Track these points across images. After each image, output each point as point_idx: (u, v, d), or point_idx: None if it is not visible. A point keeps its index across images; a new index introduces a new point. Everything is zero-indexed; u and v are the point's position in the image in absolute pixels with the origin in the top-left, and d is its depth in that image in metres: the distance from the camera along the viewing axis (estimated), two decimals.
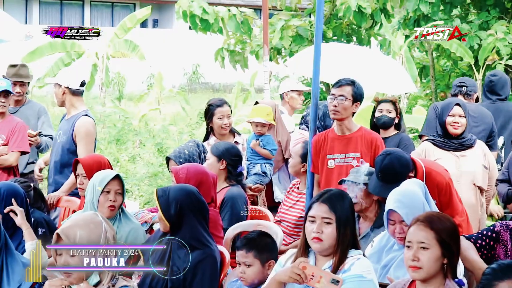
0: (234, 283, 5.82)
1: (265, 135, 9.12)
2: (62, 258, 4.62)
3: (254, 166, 9.04)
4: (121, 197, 6.55)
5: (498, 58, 18.23)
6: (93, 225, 4.67)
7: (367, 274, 5.05)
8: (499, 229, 5.96)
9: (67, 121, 8.77)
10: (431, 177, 6.81)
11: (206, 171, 7.09)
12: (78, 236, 4.58)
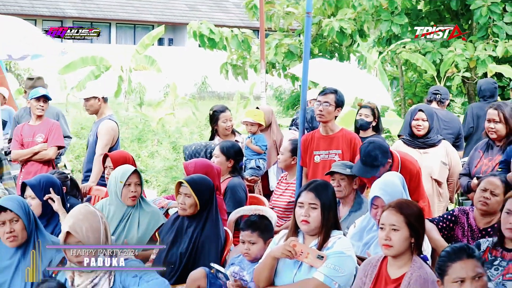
0: (236, 258, 5.80)
1: (257, 135, 9.21)
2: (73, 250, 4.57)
3: (250, 162, 9.10)
4: (140, 188, 6.52)
5: (457, 70, 18.22)
6: (90, 215, 4.63)
7: (347, 250, 5.06)
8: (457, 213, 5.96)
9: (95, 124, 8.89)
10: (404, 165, 6.84)
11: (211, 164, 7.12)
12: (84, 229, 4.54)
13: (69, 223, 4.55)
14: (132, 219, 6.49)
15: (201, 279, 5.58)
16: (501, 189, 5.66)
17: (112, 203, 6.55)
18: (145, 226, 6.47)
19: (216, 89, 35.97)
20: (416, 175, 6.89)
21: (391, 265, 4.69)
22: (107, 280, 4.62)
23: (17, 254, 5.21)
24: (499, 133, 6.97)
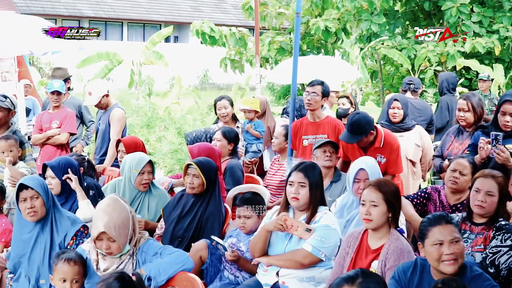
0: (233, 231, 5.80)
1: (256, 121, 9.28)
2: (103, 243, 4.53)
3: (251, 146, 9.22)
4: (151, 175, 6.53)
5: (429, 64, 18.28)
6: (123, 213, 4.57)
7: (332, 224, 5.08)
8: (430, 191, 5.97)
9: (105, 113, 8.80)
10: (387, 138, 6.99)
11: (213, 147, 7.15)
12: (117, 227, 4.49)
13: (104, 222, 4.47)
14: (143, 203, 6.52)
15: (203, 250, 5.59)
16: (469, 169, 5.66)
17: (125, 186, 6.55)
18: (154, 208, 6.50)
19: (216, 81, 35.94)
20: (397, 149, 7.02)
21: (371, 237, 4.68)
22: (131, 264, 4.60)
23: (36, 228, 5.20)
24: (468, 121, 6.98)
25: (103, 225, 4.44)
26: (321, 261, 4.99)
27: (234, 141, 7.78)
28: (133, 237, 4.62)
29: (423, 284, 4.10)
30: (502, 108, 6.27)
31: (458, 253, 3.96)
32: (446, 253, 3.96)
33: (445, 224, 4.03)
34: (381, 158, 6.89)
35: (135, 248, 4.64)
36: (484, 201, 4.88)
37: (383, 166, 6.84)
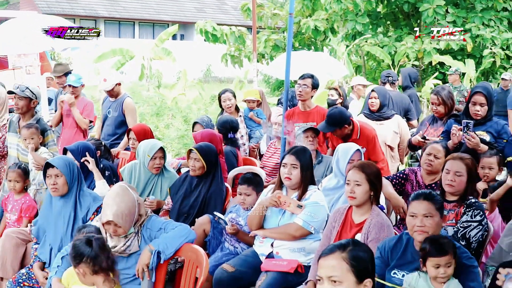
0: (233, 207, 5.82)
1: (258, 109, 9.34)
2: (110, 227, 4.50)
3: (254, 132, 9.26)
4: (163, 160, 6.53)
5: (408, 60, 18.25)
6: (130, 202, 4.53)
7: (321, 201, 5.11)
8: (407, 172, 5.97)
9: (115, 102, 8.63)
10: (363, 130, 7.05)
11: (214, 133, 7.14)
12: (122, 213, 4.46)
13: (113, 211, 4.43)
14: (156, 185, 6.52)
15: (206, 224, 5.61)
16: (442, 153, 5.67)
17: (140, 169, 6.55)
18: (166, 189, 6.47)
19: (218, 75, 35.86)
20: (372, 139, 7.06)
21: (355, 213, 4.70)
22: (136, 241, 4.60)
23: (61, 202, 5.24)
24: (440, 113, 7.01)
25: (111, 214, 4.41)
26: (310, 234, 5.02)
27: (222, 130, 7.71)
28: (139, 220, 4.62)
29: (407, 255, 4.13)
30: (473, 99, 6.31)
31: (429, 227, 4.00)
32: (417, 225, 4.03)
33: (422, 200, 4.08)
34: (361, 149, 6.91)
35: (139, 227, 4.64)
36: (454, 180, 4.90)
37: (365, 155, 6.87)
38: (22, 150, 7.07)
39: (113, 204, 4.45)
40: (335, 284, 2.80)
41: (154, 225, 4.67)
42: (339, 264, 2.82)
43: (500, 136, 6.28)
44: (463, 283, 3.84)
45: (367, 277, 2.84)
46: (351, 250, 2.86)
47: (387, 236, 4.40)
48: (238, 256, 5.30)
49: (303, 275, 4.80)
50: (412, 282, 3.90)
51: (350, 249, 2.87)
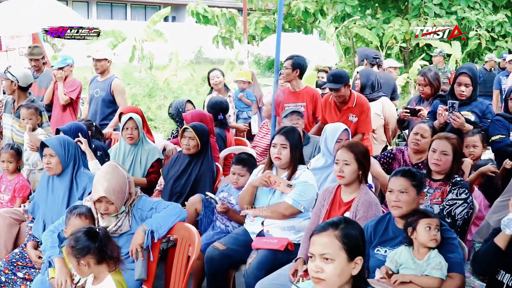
0: (225, 186, 5.81)
1: (247, 91, 9.31)
2: (102, 205, 4.46)
3: (242, 113, 9.20)
4: (137, 131, 6.49)
5: (395, 42, 18.27)
6: (120, 179, 4.49)
7: (310, 180, 5.11)
8: (395, 152, 6.00)
9: (102, 82, 8.55)
10: (359, 99, 7.11)
11: (204, 112, 7.11)
12: (114, 189, 4.42)
13: (104, 187, 4.39)
14: (136, 157, 6.52)
15: (198, 203, 5.60)
16: (429, 132, 5.68)
17: (121, 142, 6.64)
18: (145, 160, 6.50)
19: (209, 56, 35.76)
20: (367, 109, 7.09)
21: (343, 192, 4.69)
22: (127, 220, 4.57)
23: (55, 180, 5.23)
24: (427, 94, 7.06)
25: (103, 190, 4.38)
26: (300, 213, 5.02)
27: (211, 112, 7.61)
28: (129, 199, 4.59)
29: (388, 232, 4.15)
30: (458, 80, 6.33)
31: (403, 202, 4.02)
32: (393, 200, 4.06)
33: (400, 177, 4.11)
34: (353, 117, 6.95)
35: (130, 207, 4.61)
36: (439, 159, 4.92)
37: (354, 125, 6.90)
38: (16, 131, 7.04)
39: (103, 181, 4.42)
40: (327, 261, 2.80)
41: (145, 205, 4.65)
42: (331, 241, 2.82)
43: (485, 116, 6.31)
44: (443, 254, 3.87)
45: (358, 255, 2.84)
46: (343, 228, 2.86)
47: (375, 214, 4.41)
48: (229, 234, 5.30)
49: (293, 252, 4.80)
50: (395, 256, 3.92)
51: (342, 227, 2.87)
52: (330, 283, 2.82)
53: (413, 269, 3.85)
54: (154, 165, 6.51)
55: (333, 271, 2.80)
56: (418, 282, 3.80)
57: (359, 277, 2.86)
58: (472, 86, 6.32)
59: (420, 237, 3.87)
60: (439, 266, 3.80)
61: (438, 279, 3.78)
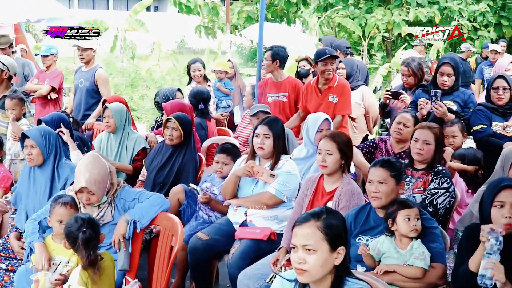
0: (208, 176, 5.81)
1: (225, 80, 9.30)
2: (83, 195, 4.44)
3: (221, 102, 9.14)
4: (112, 119, 6.43)
5: (378, 31, 18.31)
6: (102, 170, 4.48)
7: (293, 170, 5.11)
8: (377, 141, 6.01)
9: (87, 72, 8.48)
10: (340, 80, 7.16)
11: (184, 103, 7.11)
12: (95, 179, 4.41)
13: (85, 177, 4.38)
14: (122, 145, 6.48)
15: (180, 193, 5.60)
16: (411, 122, 5.70)
17: (105, 134, 6.60)
18: (131, 148, 6.47)
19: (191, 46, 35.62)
20: (347, 91, 7.10)
21: (326, 181, 4.70)
22: (109, 211, 4.55)
23: (37, 171, 5.20)
24: (411, 83, 7.10)
25: (84, 181, 4.36)
26: (283, 202, 5.03)
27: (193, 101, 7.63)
28: (111, 189, 4.57)
29: (369, 221, 4.16)
30: (441, 70, 6.36)
31: (382, 193, 4.03)
32: (372, 191, 4.07)
33: (379, 167, 4.11)
34: (334, 98, 6.94)
35: (112, 197, 4.59)
36: (422, 149, 4.93)
37: (334, 106, 6.91)
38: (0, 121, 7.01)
39: (85, 171, 4.41)
40: (310, 252, 2.80)
41: (128, 195, 4.63)
42: (313, 232, 2.82)
43: (467, 105, 6.34)
44: (425, 244, 3.89)
45: (340, 245, 2.85)
46: (325, 219, 2.86)
47: (357, 204, 4.42)
48: (213, 224, 5.30)
49: (276, 242, 4.81)
50: (377, 245, 3.94)
51: (324, 218, 2.87)
52: (313, 274, 2.82)
53: (395, 258, 3.87)
54: (140, 153, 6.48)
55: (315, 262, 2.80)
56: (401, 272, 3.81)
57: (341, 267, 2.87)
58: (455, 76, 6.35)
59: (400, 228, 3.89)
60: (423, 256, 3.81)
61: (421, 269, 3.79)
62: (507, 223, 3.37)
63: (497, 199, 3.36)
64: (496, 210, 3.39)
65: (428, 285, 3.84)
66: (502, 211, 3.38)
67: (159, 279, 4.42)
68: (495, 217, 3.40)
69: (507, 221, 3.37)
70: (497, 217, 3.39)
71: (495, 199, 3.37)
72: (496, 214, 3.39)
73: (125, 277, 4.45)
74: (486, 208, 3.44)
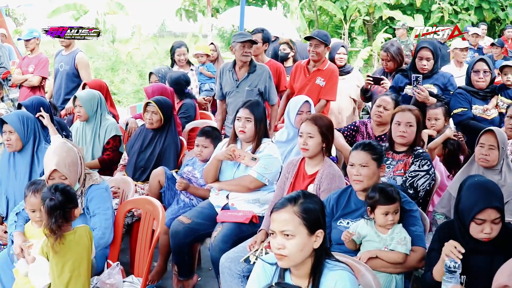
0: (189, 160, 5.81)
1: (208, 64, 9.24)
2: (55, 181, 4.29)
3: (204, 85, 9.09)
4: (83, 109, 6.32)
5: (359, 15, 18.31)
6: (71, 151, 4.38)
7: (274, 153, 5.11)
8: (358, 124, 6.03)
9: (67, 56, 8.45)
10: (330, 65, 7.18)
11: (165, 86, 7.05)
12: (65, 162, 4.32)
13: (55, 161, 4.30)
14: (95, 133, 6.37)
15: (161, 175, 5.60)
16: (391, 105, 5.73)
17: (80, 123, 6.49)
18: (103, 136, 6.34)
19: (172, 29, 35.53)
20: (335, 76, 7.10)
21: (307, 164, 4.71)
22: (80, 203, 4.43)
23: (17, 156, 5.19)
24: (390, 68, 7.18)
25: (54, 164, 4.29)
26: (264, 185, 5.04)
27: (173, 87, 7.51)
28: (81, 175, 4.50)
29: (350, 204, 4.17)
30: (419, 54, 6.40)
31: (364, 176, 4.05)
32: (354, 174, 4.09)
33: (360, 150, 4.12)
34: (321, 81, 6.95)
35: (83, 188, 4.53)
36: (405, 131, 4.96)
37: (320, 90, 6.93)
38: None
39: (53, 155, 4.33)
40: (288, 237, 2.82)
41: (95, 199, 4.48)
42: (291, 217, 2.83)
43: (447, 88, 6.38)
44: (404, 227, 3.91)
45: (318, 228, 2.86)
46: (302, 203, 2.87)
47: (338, 187, 4.44)
48: (194, 208, 5.30)
49: (258, 225, 4.83)
50: (357, 229, 3.96)
51: (301, 202, 2.87)
52: (293, 259, 2.84)
53: (377, 242, 3.89)
54: (110, 142, 6.34)
55: (294, 247, 2.82)
56: (383, 257, 3.83)
57: (321, 250, 2.89)
58: (434, 60, 6.39)
59: (377, 220, 3.91)
60: (404, 242, 3.84)
61: (403, 254, 3.82)
62: (485, 238, 3.40)
63: (478, 216, 3.37)
64: (476, 225, 3.40)
65: (409, 268, 3.88)
66: (482, 227, 3.39)
67: (141, 262, 4.42)
68: (474, 231, 3.41)
69: (485, 236, 3.39)
70: (476, 232, 3.41)
71: (476, 216, 3.37)
72: (475, 229, 3.40)
73: (107, 261, 4.44)
74: (465, 220, 3.44)
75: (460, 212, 3.50)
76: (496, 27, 21.00)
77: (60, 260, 3.79)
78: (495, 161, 4.57)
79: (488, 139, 4.59)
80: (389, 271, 3.83)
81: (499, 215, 3.37)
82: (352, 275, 2.91)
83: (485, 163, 4.59)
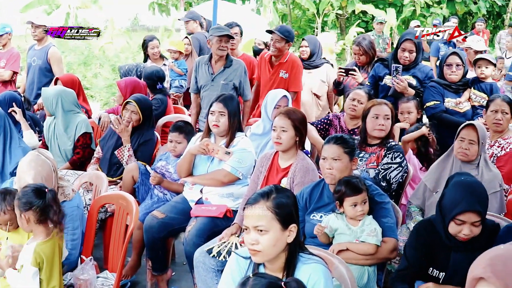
0: (163, 155, 5.79)
1: (179, 60, 9.22)
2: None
3: (174, 81, 9.07)
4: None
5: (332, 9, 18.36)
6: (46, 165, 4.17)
7: (248, 147, 5.12)
8: (331, 118, 6.06)
9: (39, 50, 8.39)
10: (291, 56, 7.23)
11: (138, 80, 7.03)
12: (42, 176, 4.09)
13: (32, 175, 4.10)
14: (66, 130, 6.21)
15: (134, 170, 5.58)
16: (365, 98, 5.76)
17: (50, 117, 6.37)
18: (73, 134, 6.20)
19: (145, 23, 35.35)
20: (297, 67, 7.18)
21: (281, 158, 4.72)
22: None
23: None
24: (363, 62, 7.27)
25: (32, 178, 4.13)
26: (238, 180, 5.04)
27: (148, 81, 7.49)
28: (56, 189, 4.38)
29: (323, 198, 4.18)
30: (402, 45, 6.44)
31: (336, 170, 4.06)
32: (326, 167, 4.10)
33: (332, 144, 4.13)
34: (284, 74, 6.99)
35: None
36: (383, 124, 4.98)
37: (285, 82, 6.95)
38: None
39: (29, 169, 4.14)
40: (261, 233, 2.82)
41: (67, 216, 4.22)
42: (263, 213, 2.83)
43: (425, 82, 6.42)
44: (376, 219, 3.93)
45: (291, 223, 2.86)
46: (274, 198, 2.87)
47: (311, 180, 4.45)
48: (168, 202, 5.28)
49: (232, 219, 4.83)
50: (329, 222, 3.97)
51: (273, 197, 2.87)
52: (266, 254, 2.84)
53: (348, 235, 3.91)
54: (80, 139, 6.23)
55: (268, 242, 2.82)
56: (354, 249, 3.85)
57: (294, 244, 2.89)
58: (416, 52, 6.45)
59: (347, 212, 3.93)
60: (374, 233, 3.86)
61: (374, 245, 3.84)
62: (462, 238, 3.43)
63: (458, 217, 3.40)
64: (455, 225, 3.43)
65: (380, 260, 3.90)
66: (461, 228, 3.41)
67: (115, 258, 4.40)
68: (452, 230, 3.44)
69: (463, 237, 3.42)
70: (454, 231, 3.44)
71: (456, 217, 3.40)
72: (454, 228, 3.43)
73: (80, 256, 4.41)
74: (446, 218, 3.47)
75: (442, 208, 3.53)
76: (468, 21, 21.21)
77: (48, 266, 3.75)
78: (474, 156, 4.61)
79: (469, 133, 4.61)
80: (361, 263, 3.85)
81: (479, 219, 3.40)
82: (326, 267, 2.92)
83: (464, 157, 4.62)
